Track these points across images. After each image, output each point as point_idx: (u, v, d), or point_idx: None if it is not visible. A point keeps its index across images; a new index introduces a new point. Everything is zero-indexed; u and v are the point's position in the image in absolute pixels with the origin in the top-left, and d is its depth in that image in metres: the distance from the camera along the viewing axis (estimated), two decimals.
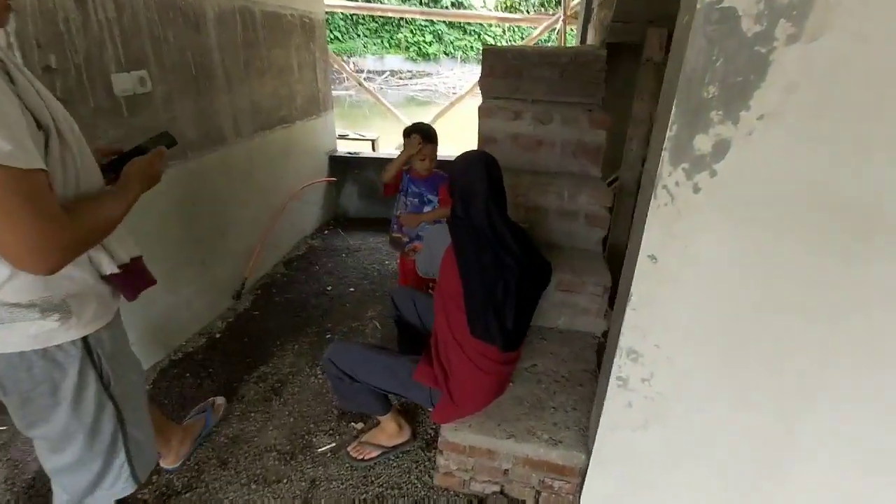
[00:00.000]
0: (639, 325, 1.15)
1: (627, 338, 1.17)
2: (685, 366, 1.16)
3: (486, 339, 1.37)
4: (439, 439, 1.54)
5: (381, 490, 1.62)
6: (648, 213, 1.02)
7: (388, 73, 14.35)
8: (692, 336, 1.12)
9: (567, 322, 2.02)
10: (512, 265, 1.34)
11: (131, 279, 1.06)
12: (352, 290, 2.87)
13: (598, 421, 1.35)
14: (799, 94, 0.85)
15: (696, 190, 0.97)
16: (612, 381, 1.24)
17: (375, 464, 1.71)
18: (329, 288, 2.88)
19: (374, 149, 4.07)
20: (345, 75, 10.97)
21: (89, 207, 0.90)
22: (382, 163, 3.85)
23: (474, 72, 14.16)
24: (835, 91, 0.84)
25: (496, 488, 1.60)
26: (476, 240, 1.34)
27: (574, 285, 1.94)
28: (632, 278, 1.10)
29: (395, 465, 1.71)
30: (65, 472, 1.11)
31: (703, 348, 1.13)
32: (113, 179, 1.03)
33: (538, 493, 1.56)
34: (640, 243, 1.07)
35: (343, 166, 3.86)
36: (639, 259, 1.07)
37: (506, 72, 2.42)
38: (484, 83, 2.48)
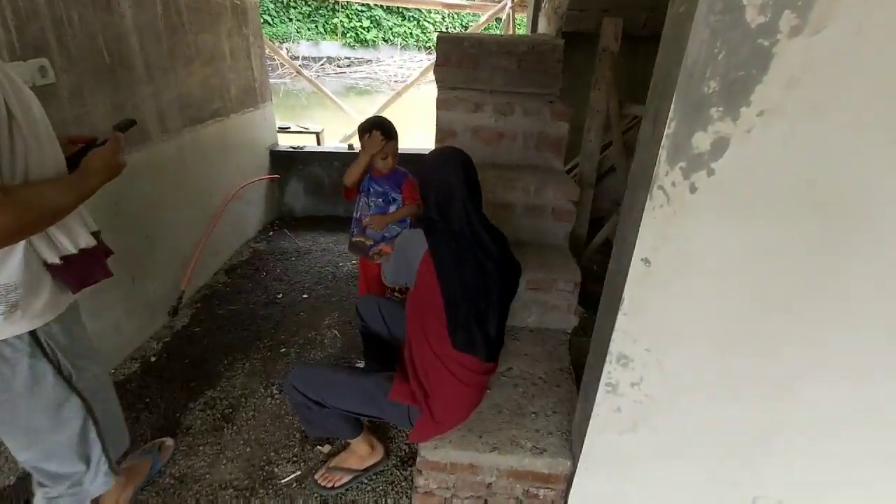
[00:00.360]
0: (630, 331, 1.10)
1: (618, 343, 1.12)
2: (674, 367, 1.13)
3: (469, 351, 1.28)
4: (418, 459, 1.44)
5: None
6: (643, 216, 0.96)
7: (324, 59, 13.71)
8: (683, 338, 1.09)
9: (537, 320, 1.98)
10: (492, 270, 1.25)
11: (76, 271, 1.02)
12: (305, 296, 2.67)
13: (584, 425, 1.30)
14: (800, 89, 0.82)
15: (693, 190, 0.92)
16: (602, 387, 1.19)
17: (347, 490, 1.58)
18: (279, 296, 2.66)
19: (318, 142, 3.82)
20: (279, 62, 10.37)
21: (30, 192, 0.88)
22: (329, 157, 3.67)
23: (416, 59, 13.93)
24: (835, 86, 0.81)
25: (479, 503, 1.52)
26: (455, 245, 1.23)
27: (544, 283, 1.89)
28: (623, 283, 1.05)
29: (369, 488, 1.59)
30: (38, 469, 1.12)
31: (693, 349, 1.10)
32: None
33: (521, 502, 1.50)
34: (631, 246, 1.01)
35: (286, 162, 3.60)
36: (632, 263, 1.02)
37: (462, 60, 2.32)
38: (439, 72, 2.36)
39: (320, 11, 14.02)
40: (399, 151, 1.96)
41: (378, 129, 1.87)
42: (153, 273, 2.22)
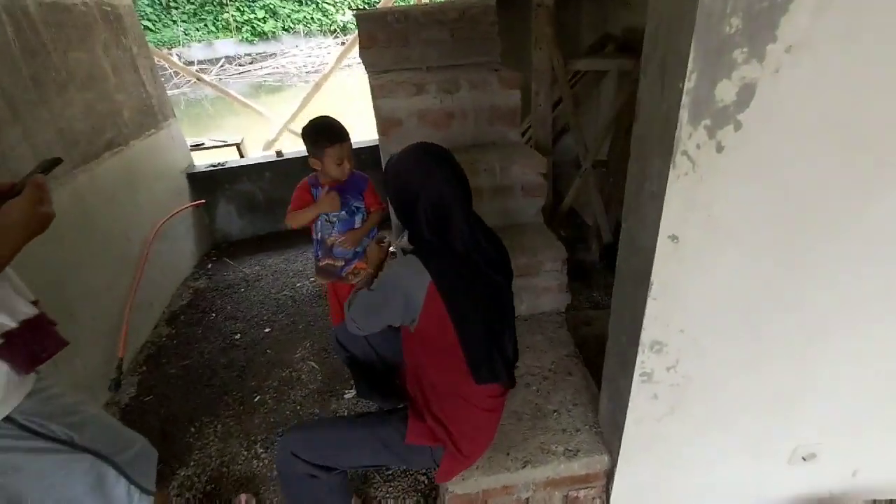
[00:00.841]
0: (661, 315, 0.98)
1: (650, 331, 1.00)
2: (709, 342, 1.03)
3: (494, 381, 1.12)
4: (446, 497, 1.29)
5: None
6: (667, 188, 0.83)
7: (222, 60, 12.61)
8: (717, 309, 0.99)
9: (529, 307, 1.85)
10: (500, 281, 1.09)
11: (22, 348, 0.91)
12: (267, 330, 2.39)
13: (618, 418, 1.20)
14: (828, 16, 0.70)
15: (720, 149, 0.80)
16: (636, 378, 1.08)
17: None
18: (237, 336, 2.37)
19: (241, 154, 3.43)
20: (172, 71, 9.36)
21: None
22: (258, 170, 3.29)
23: (324, 46, 13.17)
24: (867, 12, 0.69)
25: None
26: (462, 267, 1.04)
27: (530, 268, 1.76)
28: (650, 265, 0.92)
29: None
30: None
31: (727, 319, 1.01)
32: None
33: None
34: (654, 224, 0.88)
35: (208, 184, 3.20)
36: (658, 242, 0.89)
37: (390, 39, 2.08)
38: (366, 55, 2.11)
39: (206, 8, 12.81)
40: None
41: (327, 137, 1.56)
42: (78, 347, 1.86)
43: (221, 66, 12.32)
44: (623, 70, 2.38)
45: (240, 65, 12.67)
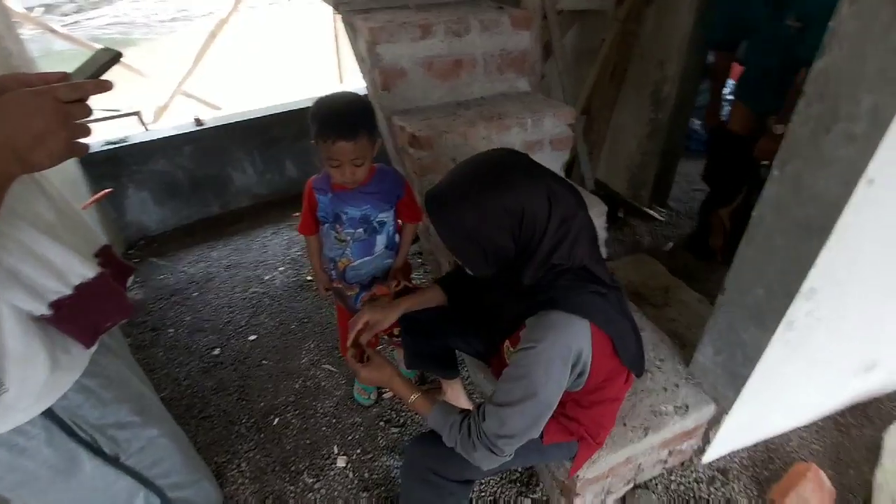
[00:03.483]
0: (828, 264, 0.95)
1: (811, 281, 0.97)
2: (849, 281, 1.04)
3: (643, 369, 1.03)
4: (576, 484, 1.19)
5: None
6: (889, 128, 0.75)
7: (40, 10, 9.90)
8: (864, 250, 0.98)
9: None
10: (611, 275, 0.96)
11: (78, 316, 0.73)
12: (253, 337, 2.00)
13: (730, 365, 1.21)
14: None
15: None
16: (780, 329, 1.06)
17: None
18: (216, 351, 1.95)
19: (145, 125, 2.71)
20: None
21: None
22: (173, 145, 2.64)
23: None
24: None
25: (629, 486, 1.38)
26: (602, 288, 0.87)
27: None
28: (834, 214, 0.87)
29: None
30: None
31: (872, 261, 1.01)
32: None
33: (666, 462, 1.41)
34: (849, 168, 0.82)
35: (111, 167, 2.50)
36: (856, 189, 0.83)
37: None
38: None
39: None
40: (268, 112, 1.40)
41: (329, 132, 1.11)
42: None
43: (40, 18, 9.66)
44: (601, 12, 2.29)
45: (64, 15, 10.08)
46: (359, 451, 1.54)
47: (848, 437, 1.51)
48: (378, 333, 1.16)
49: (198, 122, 2.68)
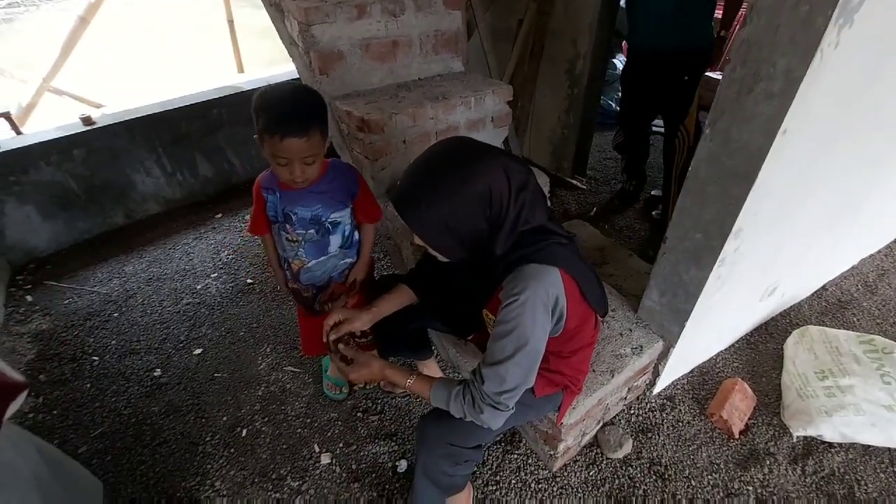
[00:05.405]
0: (755, 208, 1.13)
1: (741, 221, 1.15)
2: (766, 215, 1.23)
3: (607, 307, 1.15)
4: (560, 431, 1.30)
5: None
6: (799, 87, 0.92)
7: None
8: (776, 186, 1.17)
9: None
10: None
11: None
12: (198, 352, 1.84)
13: (674, 305, 1.39)
14: None
15: (837, 46, 0.91)
16: (715, 266, 1.24)
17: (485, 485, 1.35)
18: (157, 372, 1.76)
19: (17, 129, 2.27)
20: None
21: None
22: (62, 148, 2.29)
23: None
24: None
25: (599, 425, 1.53)
26: (564, 239, 0.96)
27: None
28: (758, 161, 1.03)
29: (499, 485, 1.39)
30: None
31: (782, 198, 1.21)
32: None
33: (625, 399, 1.58)
34: (769, 122, 0.98)
35: None
36: (775, 140, 0.99)
37: None
38: None
39: None
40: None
41: (277, 127, 1.01)
42: None
43: None
44: None
45: None
46: (341, 444, 1.51)
47: (757, 351, 1.81)
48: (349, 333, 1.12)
49: (86, 120, 2.34)
